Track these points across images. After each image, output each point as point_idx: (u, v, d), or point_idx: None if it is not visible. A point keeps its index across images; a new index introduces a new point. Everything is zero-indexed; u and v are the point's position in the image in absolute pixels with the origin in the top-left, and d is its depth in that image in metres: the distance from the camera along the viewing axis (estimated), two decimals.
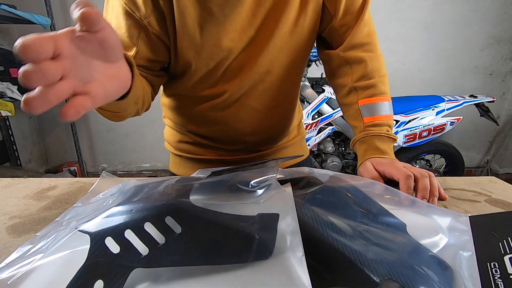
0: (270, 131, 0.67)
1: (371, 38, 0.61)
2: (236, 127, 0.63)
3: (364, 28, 0.59)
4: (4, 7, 1.81)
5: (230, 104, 0.60)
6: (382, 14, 2.25)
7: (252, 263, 0.26)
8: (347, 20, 0.58)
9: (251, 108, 0.61)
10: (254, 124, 0.64)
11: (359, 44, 0.60)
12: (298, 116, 0.75)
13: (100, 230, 0.29)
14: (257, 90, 0.60)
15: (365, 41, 0.60)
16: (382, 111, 0.60)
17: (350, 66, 0.62)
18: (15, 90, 1.95)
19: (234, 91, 0.59)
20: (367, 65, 0.60)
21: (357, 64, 0.61)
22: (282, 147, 0.73)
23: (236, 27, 0.53)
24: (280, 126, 0.69)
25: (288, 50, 0.58)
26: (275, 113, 0.65)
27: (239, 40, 0.54)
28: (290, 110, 0.69)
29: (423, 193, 0.46)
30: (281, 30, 0.54)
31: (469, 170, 2.68)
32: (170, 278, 0.26)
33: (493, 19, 2.28)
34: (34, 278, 0.27)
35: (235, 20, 0.52)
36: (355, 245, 0.29)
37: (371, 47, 0.61)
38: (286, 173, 0.45)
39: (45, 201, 0.52)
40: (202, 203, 0.33)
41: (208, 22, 0.52)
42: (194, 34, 0.52)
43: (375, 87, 0.60)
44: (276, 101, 0.63)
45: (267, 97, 0.61)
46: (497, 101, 2.17)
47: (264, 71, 0.58)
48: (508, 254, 0.30)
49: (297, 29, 0.56)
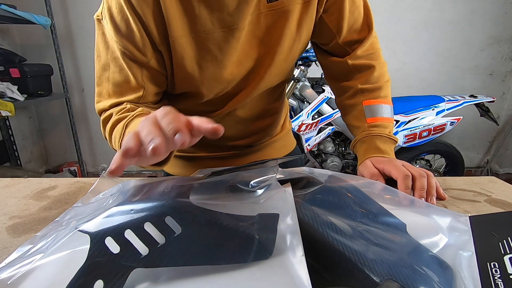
0: (258, 134, 0.70)
1: (375, 48, 0.63)
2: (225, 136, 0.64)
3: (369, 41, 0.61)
4: (4, 7, 1.81)
5: (221, 118, 0.62)
6: (382, 14, 2.25)
7: (252, 263, 0.26)
8: (352, 36, 0.60)
9: (239, 118, 0.63)
10: (243, 131, 0.67)
11: (365, 54, 0.62)
12: (285, 113, 0.77)
13: (100, 230, 0.29)
14: (247, 104, 0.62)
15: (370, 52, 0.62)
16: (384, 113, 0.60)
17: (359, 71, 0.63)
18: (15, 90, 1.95)
19: (228, 109, 0.60)
20: (375, 70, 0.62)
21: (366, 70, 0.63)
22: (271, 141, 0.75)
23: (234, 61, 0.53)
24: (268, 128, 0.71)
25: (281, 74, 0.60)
26: (263, 120, 0.68)
27: (237, 73, 0.55)
28: (278, 112, 0.71)
29: (420, 192, 0.47)
30: (276, 59, 0.55)
31: (469, 170, 2.68)
32: (170, 278, 0.26)
33: (493, 19, 2.28)
34: (34, 278, 0.27)
35: (232, 55, 0.53)
36: (355, 245, 0.29)
37: (376, 55, 0.63)
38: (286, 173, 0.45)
39: (45, 201, 0.52)
40: (202, 203, 0.33)
41: (207, 60, 0.52)
42: (193, 73, 0.52)
43: (379, 90, 0.62)
44: (264, 110, 0.66)
45: (255, 108, 0.64)
46: (497, 101, 2.17)
47: (258, 93, 0.60)
48: (508, 254, 0.30)
49: (290, 55, 0.57)
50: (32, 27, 2.21)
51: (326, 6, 0.56)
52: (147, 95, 0.53)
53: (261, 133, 0.70)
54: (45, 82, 2.23)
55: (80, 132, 2.59)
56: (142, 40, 0.48)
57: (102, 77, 0.52)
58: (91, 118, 2.61)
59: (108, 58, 0.51)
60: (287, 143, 0.79)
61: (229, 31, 0.50)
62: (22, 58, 2.15)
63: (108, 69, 0.51)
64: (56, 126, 2.63)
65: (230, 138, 0.67)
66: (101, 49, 0.51)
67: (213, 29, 0.49)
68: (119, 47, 0.48)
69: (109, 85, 0.52)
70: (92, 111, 2.58)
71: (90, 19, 2.32)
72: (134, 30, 0.47)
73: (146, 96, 0.53)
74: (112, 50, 0.50)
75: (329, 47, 0.62)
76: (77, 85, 2.51)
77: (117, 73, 0.51)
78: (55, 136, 2.67)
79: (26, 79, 2.04)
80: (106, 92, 0.52)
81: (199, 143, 0.68)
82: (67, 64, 2.41)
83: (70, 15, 2.34)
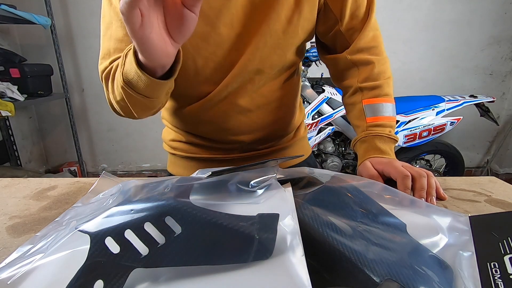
0: (264, 130, 0.66)
1: (377, 41, 0.61)
2: (226, 127, 0.63)
3: (370, 32, 0.59)
4: (4, 7, 1.81)
5: (217, 102, 0.59)
6: (382, 14, 2.25)
7: (252, 263, 0.26)
8: (354, 23, 0.58)
9: (240, 107, 0.60)
10: (246, 123, 0.63)
11: (366, 47, 0.60)
12: (300, 118, 0.74)
13: (100, 230, 0.29)
14: (246, 90, 0.59)
15: (372, 45, 0.60)
16: (385, 112, 0.60)
17: (357, 68, 0.62)
18: (15, 90, 1.95)
19: (221, 90, 0.58)
20: (374, 67, 0.60)
21: (364, 66, 0.61)
22: (281, 148, 0.72)
23: (225, 22, 0.52)
24: (275, 126, 0.67)
25: (281, 50, 0.57)
26: (268, 113, 0.64)
27: (226, 35, 0.53)
28: (286, 110, 0.67)
29: (420, 192, 0.46)
30: (272, 27, 0.53)
31: (469, 170, 2.68)
32: (170, 278, 0.26)
33: (493, 19, 2.28)
34: (34, 278, 0.27)
35: (224, 15, 0.52)
36: (355, 245, 0.29)
37: (378, 50, 0.61)
38: (286, 173, 0.45)
39: (45, 201, 0.52)
40: (202, 203, 0.33)
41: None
42: None
43: (380, 88, 0.60)
44: (268, 100, 0.62)
45: (258, 97, 0.61)
46: (497, 101, 2.17)
47: (254, 69, 0.56)
48: (508, 254, 0.30)
49: (290, 28, 0.55)
50: (32, 27, 2.21)
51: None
52: None
53: (266, 130, 0.66)
54: (45, 82, 2.23)
55: (80, 132, 2.59)
56: None
57: (105, 37, 0.53)
58: (91, 118, 2.61)
59: (111, 15, 0.52)
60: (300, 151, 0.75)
61: None
62: (22, 58, 2.15)
63: (111, 26, 0.52)
64: (56, 126, 2.63)
65: (232, 131, 0.63)
66: (105, 8, 0.53)
67: None
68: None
69: (111, 42, 0.53)
70: (92, 111, 2.58)
71: (90, 19, 2.32)
72: None
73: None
74: (115, 5, 0.51)
75: (330, 36, 0.60)
76: (77, 85, 2.51)
77: (119, 27, 0.51)
78: (55, 136, 2.67)
79: (26, 79, 2.04)
80: (107, 50, 0.53)
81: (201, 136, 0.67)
82: (67, 64, 2.42)
83: (70, 15, 2.34)
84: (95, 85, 2.49)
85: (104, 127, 2.62)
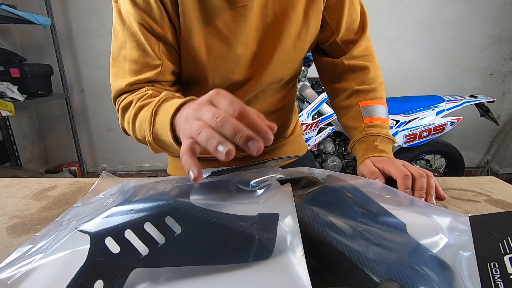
0: None
1: (370, 50, 0.65)
2: None
3: (364, 42, 0.63)
4: (4, 7, 1.81)
5: None
6: (382, 14, 2.25)
7: (252, 263, 0.26)
8: (349, 36, 0.62)
9: None
10: None
11: (360, 55, 0.64)
12: (295, 118, 0.78)
13: (100, 230, 0.29)
14: (258, 98, 0.62)
15: (366, 53, 0.64)
16: (380, 114, 0.62)
17: (353, 72, 0.65)
18: (15, 90, 1.95)
19: None
20: (370, 72, 0.64)
21: (360, 71, 0.64)
22: (280, 145, 0.74)
23: (241, 41, 0.54)
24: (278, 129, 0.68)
25: (291, 63, 0.60)
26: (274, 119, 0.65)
27: (243, 54, 0.56)
28: (287, 113, 0.71)
29: (419, 192, 0.47)
30: (283, 44, 0.56)
31: (469, 170, 2.68)
32: (170, 278, 0.26)
33: (493, 19, 2.28)
34: (34, 278, 0.27)
35: (240, 35, 0.54)
36: (355, 245, 0.29)
37: (371, 58, 0.65)
38: (286, 173, 0.45)
39: (45, 201, 0.52)
40: (202, 203, 0.33)
41: (214, 37, 0.53)
42: (199, 49, 0.53)
43: (375, 91, 0.63)
44: (276, 107, 0.66)
45: (267, 104, 0.64)
46: (497, 101, 2.17)
47: (266, 83, 0.60)
48: (508, 254, 0.30)
49: (299, 43, 0.58)
50: (32, 27, 2.21)
51: (328, 3, 0.58)
52: (165, 71, 0.52)
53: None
54: (45, 82, 2.23)
55: (80, 132, 2.59)
56: (159, 11, 0.49)
57: (119, 57, 0.52)
58: (91, 118, 2.61)
59: (125, 35, 0.51)
60: (297, 147, 0.79)
61: (237, 9, 0.51)
62: (22, 58, 2.15)
63: (125, 47, 0.52)
64: (56, 126, 2.63)
65: None
66: (118, 28, 0.52)
67: (221, 6, 0.50)
68: (136, 19, 0.49)
69: (125, 63, 0.52)
70: (92, 111, 2.58)
71: (90, 19, 2.32)
72: (151, 2, 0.48)
73: (164, 73, 0.52)
74: (129, 26, 0.50)
75: (327, 46, 0.64)
76: (77, 85, 2.51)
77: (134, 48, 0.51)
78: (55, 136, 2.67)
79: (26, 79, 2.04)
80: (122, 71, 0.52)
81: None
82: (67, 64, 2.41)
83: (70, 15, 2.34)
84: (95, 85, 2.49)
85: (104, 127, 2.62)
